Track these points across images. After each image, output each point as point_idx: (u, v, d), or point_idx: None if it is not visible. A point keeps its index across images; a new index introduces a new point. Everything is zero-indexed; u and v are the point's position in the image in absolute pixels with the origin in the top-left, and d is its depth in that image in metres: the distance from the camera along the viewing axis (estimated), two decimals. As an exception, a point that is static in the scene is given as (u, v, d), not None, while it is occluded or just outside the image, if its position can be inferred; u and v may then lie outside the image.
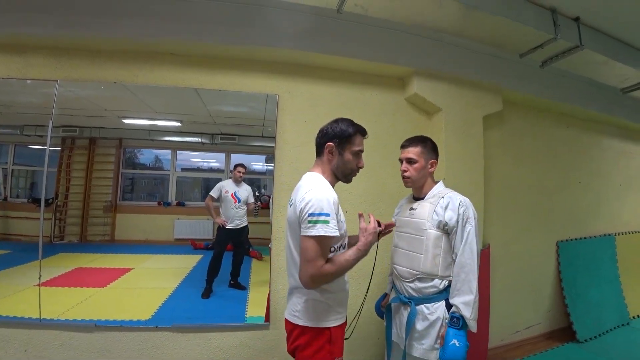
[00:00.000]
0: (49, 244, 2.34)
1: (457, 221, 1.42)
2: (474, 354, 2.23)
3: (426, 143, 1.54)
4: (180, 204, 2.80)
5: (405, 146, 1.56)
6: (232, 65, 2.12)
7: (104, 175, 2.61)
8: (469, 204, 1.47)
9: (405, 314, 1.49)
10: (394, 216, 1.69)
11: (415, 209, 1.54)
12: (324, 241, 1.14)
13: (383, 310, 1.71)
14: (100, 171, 2.60)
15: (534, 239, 3.01)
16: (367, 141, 1.45)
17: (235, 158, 2.69)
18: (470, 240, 1.41)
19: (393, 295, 1.63)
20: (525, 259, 2.94)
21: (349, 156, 1.30)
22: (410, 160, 1.52)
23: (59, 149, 2.40)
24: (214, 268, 2.39)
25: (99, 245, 2.55)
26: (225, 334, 2.03)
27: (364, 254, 1.23)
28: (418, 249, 1.47)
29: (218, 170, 2.86)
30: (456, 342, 1.29)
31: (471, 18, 2.10)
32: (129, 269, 2.48)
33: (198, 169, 2.97)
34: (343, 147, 1.29)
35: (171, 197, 2.81)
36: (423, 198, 1.55)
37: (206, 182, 2.91)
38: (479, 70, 2.41)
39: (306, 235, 1.13)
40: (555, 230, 3.16)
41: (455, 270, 1.40)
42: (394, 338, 1.58)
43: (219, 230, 2.49)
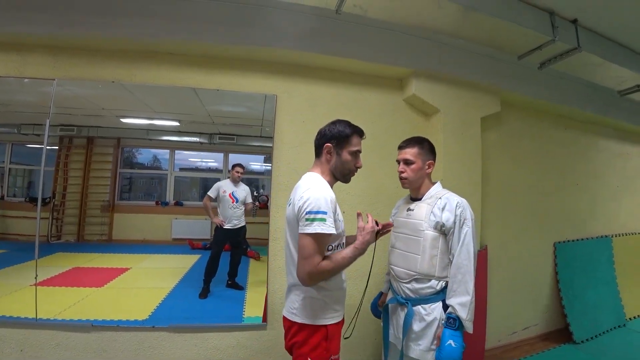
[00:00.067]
0: (46, 243, 2.33)
1: (454, 222, 1.42)
2: (471, 354, 2.24)
3: (423, 144, 1.54)
4: (178, 203, 2.79)
5: (402, 147, 1.56)
6: (230, 65, 2.12)
7: (102, 174, 2.61)
8: (466, 205, 1.47)
9: (402, 314, 1.49)
10: (392, 217, 1.69)
11: (412, 210, 1.54)
12: (321, 239, 1.16)
13: (380, 310, 1.71)
14: (98, 170, 2.59)
15: (532, 240, 3.02)
16: (366, 142, 1.46)
17: (234, 158, 2.68)
18: (467, 241, 1.41)
19: (390, 295, 1.63)
20: (522, 260, 2.94)
21: (347, 156, 1.32)
22: (407, 161, 1.52)
23: (57, 148, 2.39)
24: (212, 268, 2.38)
25: (96, 245, 2.54)
26: (222, 334, 2.03)
27: (361, 252, 1.24)
28: (415, 250, 1.47)
29: (216, 170, 2.86)
30: (452, 343, 1.29)
31: (470, 19, 2.10)
32: (127, 269, 2.47)
33: (196, 169, 2.96)
34: (341, 148, 1.31)
35: (169, 197, 2.81)
36: (420, 199, 1.55)
37: (204, 182, 2.91)
38: (477, 71, 2.41)
39: (304, 232, 1.15)
40: (553, 232, 3.17)
41: (452, 271, 1.40)
42: (391, 339, 1.58)
43: (217, 230, 2.49)
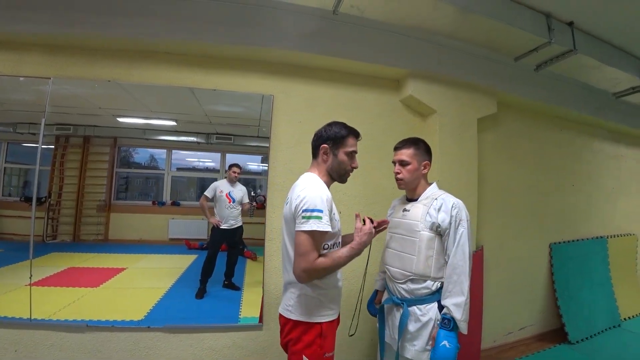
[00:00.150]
0: (41, 243, 2.32)
1: (450, 223, 1.42)
2: (467, 355, 2.24)
3: (419, 145, 1.54)
4: (175, 203, 2.79)
5: (398, 148, 1.57)
6: (228, 65, 2.12)
7: (98, 174, 2.60)
8: (462, 206, 1.47)
9: (397, 315, 1.49)
10: (387, 217, 1.69)
11: (408, 210, 1.54)
12: (316, 236, 1.18)
13: (377, 308, 1.71)
14: (94, 170, 2.59)
15: (527, 241, 3.03)
16: (362, 143, 1.47)
17: (231, 158, 2.68)
18: (463, 242, 1.41)
19: (386, 296, 1.63)
20: (518, 261, 2.95)
21: (343, 157, 1.35)
22: (403, 162, 1.52)
23: (53, 147, 2.38)
24: (208, 268, 2.38)
25: (92, 245, 2.54)
26: (218, 335, 2.02)
27: (357, 253, 1.27)
28: (411, 250, 1.47)
29: (213, 170, 2.86)
30: (447, 344, 1.29)
31: (466, 21, 2.11)
32: (123, 269, 2.46)
33: (193, 169, 2.96)
34: (337, 148, 1.34)
35: (166, 197, 2.80)
36: (416, 199, 1.55)
37: (201, 182, 2.91)
38: (474, 72, 2.42)
39: (300, 229, 1.18)
40: (548, 233, 3.19)
41: (448, 272, 1.41)
42: (387, 339, 1.58)
43: (213, 230, 2.49)
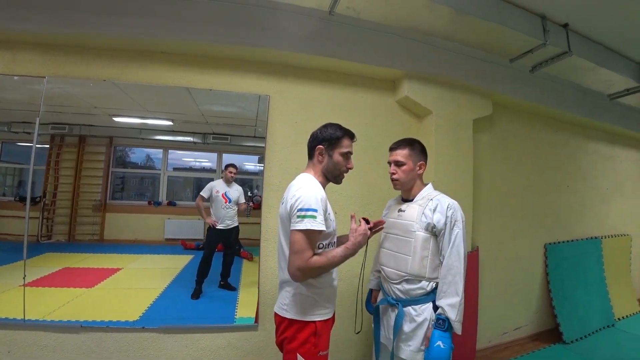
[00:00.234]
0: (36, 243, 2.30)
1: (445, 224, 1.43)
2: (463, 355, 2.26)
3: (414, 145, 1.55)
4: (171, 203, 2.78)
5: (393, 149, 1.57)
6: (223, 65, 2.11)
7: (94, 173, 2.59)
8: (457, 206, 1.48)
9: (392, 315, 1.50)
10: (382, 217, 1.69)
11: (403, 211, 1.54)
12: (311, 235, 1.20)
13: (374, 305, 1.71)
14: (90, 169, 2.57)
15: (523, 241, 3.05)
16: (358, 143, 1.47)
17: (228, 158, 2.68)
18: (458, 243, 1.42)
19: (381, 296, 1.63)
20: (513, 261, 2.97)
21: (338, 158, 1.37)
22: (398, 163, 1.53)
23: (48, 146, 2.36)
24: (204, 269, 2.37)
25: (87, 245, 2.52)
26: (213, 335, 2.01)
27: (352, 253, 1.28)
28: (406, 251, 1.48)
29: (210, 170, 2.85)
30: (441, 344, 1.30)
31: (462, 22, 2.12)
32: (118, 269, 2.45)
33: (190, 169, 2.95)
34: (332, 149, 1.36)
35: (162, 197, 2.79)
36: (412, 200, 1.56)
37: (198, 182, 2.90)
38: (469, 74, 2.43)
39: (295, 228, 1.20)
40: (543, 233, 3.21)
41: (443, 273, 1.41)
42: (382, 339, 1.58)
43: (209, 230, 2.48)
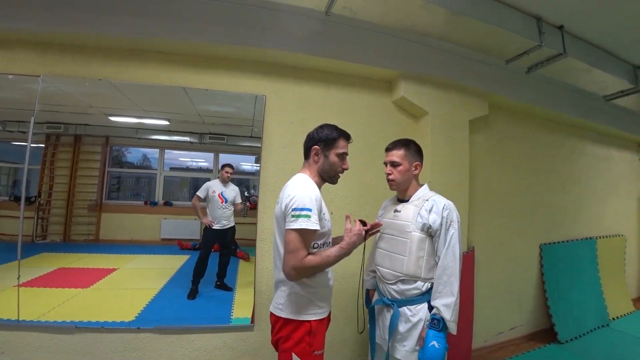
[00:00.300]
0: (31, 243, 2.30)
1: (441, 224, 1.43)
2: (458, 355, 2.27)
3: (410, 146, 1.55)
4: (167, 203, 2.78)
5: (389, 149, 1.58)
6: (220, 64, 2.11)
7: (89, 173, 2.58)
8: (453, 207, 1.48)
9: (388, 316, 1.50)
10: (378, 217, 1.70)
11: (399, 211, 1.55)
12: (305, 234, 1.21)
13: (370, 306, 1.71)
14: (86, 169, 2.57)
15: (518, 241, 3.07)
16: (355, 144, 1.48)
17: (224, 158, 2.68)
18: (453, 243, 1.42)
19: (376, 297, 1.63)
20: (509, 262, 2.98)
21: (334, 158, 1.37)
22: (394, 163, 1.53)
23: (43, 146, 2.35)
24: (200, 269, 2.37)
25: (83, 245, 2.52)
26: (209, 336, 2.01)
27: (346, 253, 1.29)
28: (401, 251, 1.48)
29: (207, 170, 2.85)
30: (435, 344, 1.30)
31: (458, 23, 2.13)
32: (114, 269, 2.44)
33: (187, 169, 2.95)
34: (328, 150, 1.37)
35: (158, 197, 2.79)
36: (407, 200, 1.56)
37: (194, 182, 2.89)
38: (465, 74, 2.44)
39: (289, 228, 1.21)
40: (539, 233, 3.23)
41: (438, 273, 1.42)
42: (377, 340, 1.58)
43: (206, 230, 2.48)
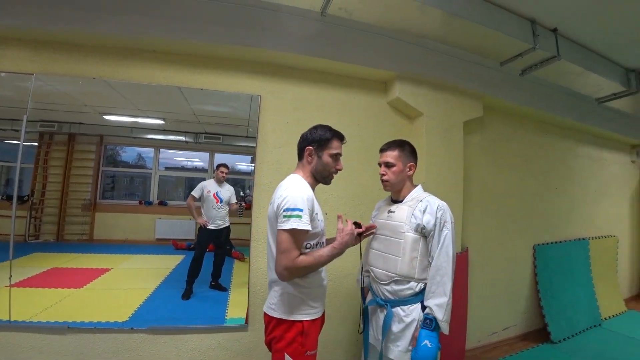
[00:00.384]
0: (23, 242, 2.27)
1: (435, 225, 1.44)
2: (452, 355, 2.28)
3: (404, 147, 1.56)
4: (162, 203, 2.76)
5: (383, 150, 1.58)
6: (215, 64, 2.10)
7: (84, 172, 2.55)
8: (447, 208, 1.49)
9: (381, 316, 1.50)
10: (372, 218, 1.71)
11: (393, 212, 1.55)
12: (297, 234, 1.22)
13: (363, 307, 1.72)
14: (80, 168, 2.54)
15: (512, 242, 3.09)
16: (350, 144, 1.48)
17: (220, 158, 2.67)
18: (447, 244, 1.43)
19: (370, 297, 1.64)
20: (502, 262, 3.01)
21: (328, 159, 1.38)
22: (388, 164, 1.54)
23: (36, 144, 2.33)
24: (195, 269, 2.36)
25: (76, 245, 2.49)
26: (203, 336, 2.00)
27: (339, 253, 1.30)
28: (395, 252, 1.48)
29: (202, 169, 2.84)
30: (428, 343, 1.31)
31: (453, 25, 2.14)
32: (108, 270, 2.42)
33: (182, 168, 2.93)
34: (321, 151, 1.37)
35: (153, 196, 2.77)
36: (402, 201, 1.57)
37: (190, 182, 2.88)
38: (460, 76, 2.46)
39: (281, 228, 1.22)
40: (532, 234, 3.26)
41: (431, 273, 1.43)
42: (371, 340, 1.59)
43: (200, 230, 2.47)
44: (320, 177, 1.39)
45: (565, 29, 2.25)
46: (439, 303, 1.37)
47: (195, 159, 2.92)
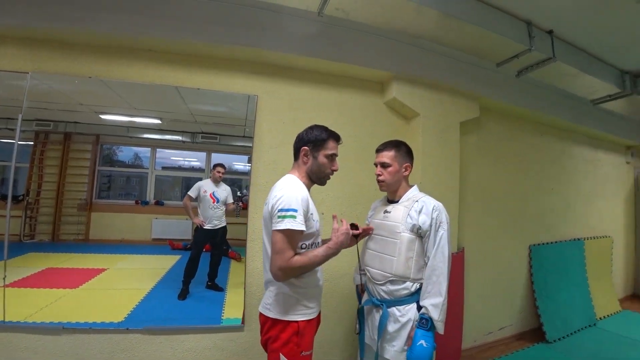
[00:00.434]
0: (18, 242, 2.25)
1: (430, 225, 1.45)
2: (448, 354, 2.29)
3: (400, 147, 1.57)
4: (158, 203, 2.75)
5: (380, 150, 1.59)
6: (211, 64, 2.10)
7: (79, 172, 2.54)
8: (442, 208, 1.50)
9: (377, 316, 1.51)
10: (368, 218, 1.72)
11: (389, 212, 1.56)
12: (291, 234, 1.22)
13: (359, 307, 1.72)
14: (75, 168, 2.52)
15: (508, 242, 3.11)
16: (347, 144, 1.49)
17: (217, 157, 2.66)
18: (442, 244, 1.44)
19: (365, 297, 1.64)
20: (498, 262, 3.02)
21: (323, 159, 1.38)
22: (384, 164, 1.55)
23: (32, 143, 2.31)
24: (191, 269, 2.35)
25: (72, 245, 2.47)
26: (199, 336, 2.00)
27: (333, 253, 1.30)
28: (391, 252, 1.49)
29: (199, 169, 2.83)
30: (424, 343, 1.32)
31: (450, 26, 2.15)
32: (103, 270, 2.41)
33: (179, 168, 2.92)
34: (317, 151, 1.37)
35: (149, 196, 2.76)
36: (397, 201, 1.57)
37: (187, 182, 2.87)
38: (457, 77, 2.47)
39: (275, 228, 1.22)
40: (528, 234, 3.27)
41: (427, 273, 1.43)
42: (367, 340, 1.59)
43: (197, 230, 2.46)
44: (315, 178, 1.39)
45: (561, 30, 2.27)
46: (435, 303, 1.37)
47: (192, 159, 2.91)
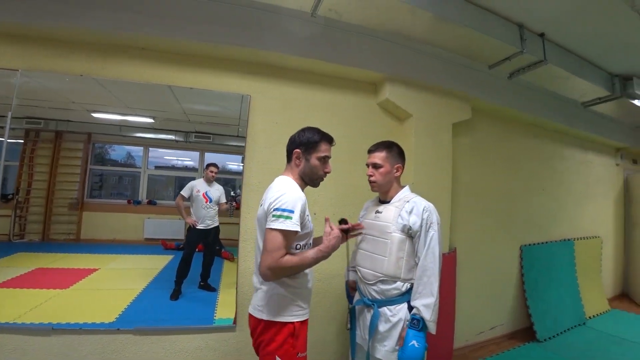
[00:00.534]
0: (7, 242, 2.22)
1: (421, 226, 1.46)
2: (440, 354, 2.31)
3: (392, 148, 1.58)
4: (151, 202, 2.73)
5: (371, 151, 1.60)
6: (205, 63, 2.09)
7: (71, 170, 2.51)
8: (433, 209, 1.51)
9: (368, 316, 1.52)
10: (360, 218, 1.72)
11: (380, 212, 1.57)
12: (285, 234, 1.20)
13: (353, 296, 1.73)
14: (67, 166, 2.50)
15: (499, 243, 3.14)
16: (339, 145, 1.49)
17: (210, 157, 2.65)
18: (433, 245, 1.45)
19: (357, 297, 1.65)
20: (490, 262, 3.05)
21: (316, 162, 1.37)
22: (376, 165, 1.56)
23: (22, 141, 2.28)
24: (183, 269, 2.34)
25: (63, 245, 2.44)
26: (191, 337, 1.99)
27: (324, 256, 1.28)
28: (382, 252, 1.50)
29: (192, 169, 2.81)
30: (415, 343, 1.33)
31: (443, 28, 2.17)
32: (95, 270, 2.39)
33: (172, 167, 2.90)
34: (309, 153, 1.36)
35: (142, 196, 2.74)
36: (389, 202, 1.58)
37: (180, 181, 2.85)
38: (449, 78, 2.49)
39: (269, 227, 1.21)
40: (519, 235, 3.31)
41: (418, 274, 1.44)
42: (358, 340, 1.60)
43: (189, 230, 2.45)
44: (308, 180, 1.38)
45: (552, 34, 2.30)
46: (426, 303, 1.38)
47: (186, 158, 2.89)
